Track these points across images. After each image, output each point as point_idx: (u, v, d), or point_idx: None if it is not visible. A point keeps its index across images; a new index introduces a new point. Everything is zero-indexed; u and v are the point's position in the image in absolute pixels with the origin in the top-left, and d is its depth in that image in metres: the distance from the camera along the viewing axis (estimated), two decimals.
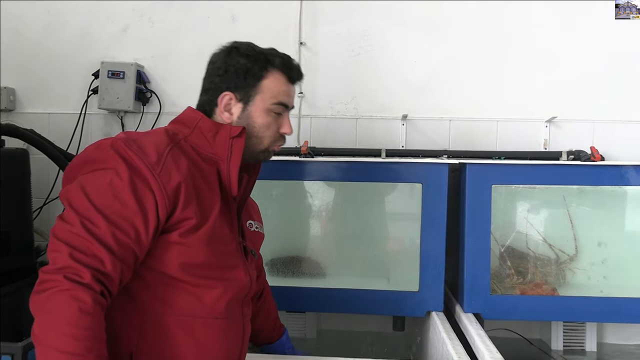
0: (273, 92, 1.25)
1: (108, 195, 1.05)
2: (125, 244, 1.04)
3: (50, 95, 2.46)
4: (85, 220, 1.02)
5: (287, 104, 1.29)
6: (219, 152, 1.21)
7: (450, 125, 2.34)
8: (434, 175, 1.84)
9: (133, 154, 1.08)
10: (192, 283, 1.15)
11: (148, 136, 1.17)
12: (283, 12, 2.37)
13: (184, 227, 1.11)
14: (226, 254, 1.21)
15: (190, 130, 1.23)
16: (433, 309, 1.84)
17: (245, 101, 1.25)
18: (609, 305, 1.85)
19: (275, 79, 1.26)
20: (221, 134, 1.22)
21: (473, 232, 1.83)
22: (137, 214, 1.05)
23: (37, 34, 2.46)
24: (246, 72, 1.24)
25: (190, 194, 1.12)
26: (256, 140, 1.26)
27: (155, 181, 1.07)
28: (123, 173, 1.06)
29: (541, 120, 2.30)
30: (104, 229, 1.02)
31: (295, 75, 1.30)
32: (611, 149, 2.26)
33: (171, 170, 1.10)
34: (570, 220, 1.95)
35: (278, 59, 1.27)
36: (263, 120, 1.25)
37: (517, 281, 1.92)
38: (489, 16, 2.33)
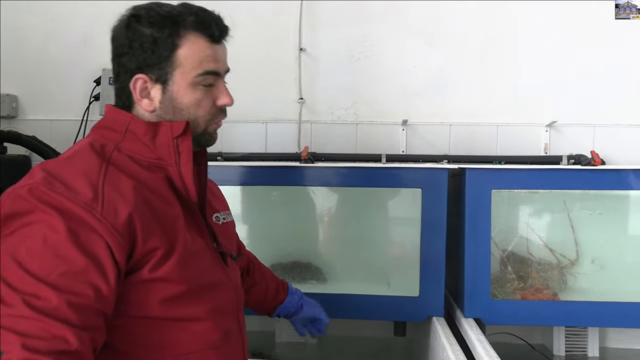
0: (194, 61, 1.02)
1: (47, 257, 0.83)
2: (87, 309, 0.84)
3: (52, 102, 2.48)
4: (28, 296, 0.80)
5: (216, 70, 1.06)
6: (163, 156, 1.01)
7: (451, 130, 2.34)
8: (433, 180, 1.84)
9: (60, 196, 0.87)
10: (179, 317, 0.98)
11: (72, 162, 0.95)
12: (283, 18, 2.38)
13: (152, 260, 0.94)
14: (204, 270, 1.04)
15: (121, 135, 1.01)
16: (433, 314, 1.84)
17: (162, 80, 1.02)
18: (611, 310, 1.85)
19: (193, 44, 1.02)
20: (161, 136, 1.01)
21: (473, 237, 1.82)
22: (89, 268, 0.85)
23: (39, 41, 2.47)
24: (154, 44, 1.00)
25: (147, 221, 0.93)
26: (192, 125, 1.04)
27: (100, 222, 0.87)
28: (56, 224, 0.85)
29: (541, 124, 2.30)
30: (55, 300, 0.81)
31: (218, 31, 1.05)
32: (612, 153, 2.26)
33: (115, 202, 0.90)
34: (571, 225, 1.95)
35: (190, 18, 1.02)
36: (190, 98, 1.03)
37: (517, 286, 1.91)
38: (488, 21, 2.33)
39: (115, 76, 1.07)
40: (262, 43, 2.39)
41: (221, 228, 1.19)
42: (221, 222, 1.21)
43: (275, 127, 2.38)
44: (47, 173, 0.90)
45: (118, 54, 1.04)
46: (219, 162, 2.16)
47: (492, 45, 2.33)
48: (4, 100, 2.42)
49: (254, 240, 1.97)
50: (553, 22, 2.31)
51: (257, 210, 2.05)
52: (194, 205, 1.04)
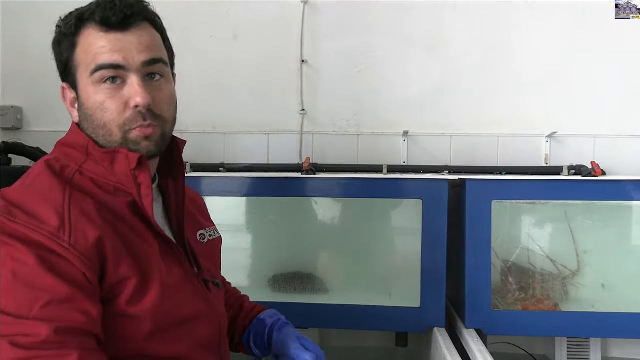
0: (88, 57, 0.89)
1: (21, 292, 0.76)
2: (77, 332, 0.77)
3: (56, 113, 2.49)
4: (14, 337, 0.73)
5: (113, 62, 0.88)
6: (125, 183, 0.91)
7: (452, 141, 2.35)
8: (434, 191, 1.84)
9: (23, 227, 0.79)
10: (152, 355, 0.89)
11: (33, 189, 0.86)
12: (284, 30, 2.41)
13: (126, 292, 0.84)
14: (182, 304, 0.93)
15: (85, 156, 0.92)
16: (435, 325, 1.83)
17: (73, 86, 0.93)
18: (613, 321, 1.84)
19: (87, 38, 0.90)
20: (119, 165, 0.90)
21: (474, 247, 1.83)
22: (74, 294, 0.78)
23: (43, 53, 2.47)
24: (59, 46, 0.93)
25: (116, 246, 0.85)
26: (103, 131, 0.91)
27: (69, 251, 0.79)
28: (23, 255, 0.77)
29: (542, 135, 2.31)
30: (45, 332, 0.74)
31: (114, 16, 0.88)
32: (613, 163, 2.27)
33: (83, 226, 0.82)
34: (572, 236, 1.95)
35: (90, 9, 0.90)
36: (93, 100, 0.90)
37: (519, 297, 1.91)
38: (488, 32, 2.35)
39: None
40: (264, 55, 2.42)
41: (206, 247, 1.09)
42: (207, 239, 1.11)
43: (277, 138, 2.40)
44: (8, 202, 0.82)
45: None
46: (222, 173, 2.17)
47: (492, 56, 2.35)
48: (8, 111, 2.44)
49: (256, 251, 1.98)
50: (554, 33, 2.33)
51: (259, 221, 2.06)
52: (165, 236, 0.94)
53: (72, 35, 0.91)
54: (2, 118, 2.45)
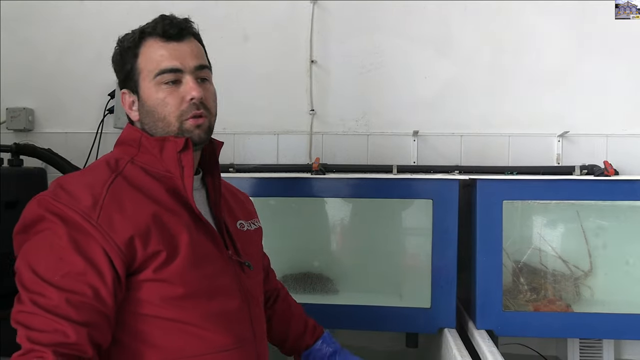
0: (151, 64, 1.09)
1: (52, 260, 0.94)
2: (85, 306, 0.93)
3: (67, 115, 2.52)
4: (35, 295, 0.92)
5: (174, 67, 1.09)
6: (170, 169, 1.09)
7: (462, 141, 2.34)
8: (444, 191, 1.83)
9: (62, 205, 0.97)
10: (184, 320, 1.03)
11: (85, 175, 1.07)
12: (294, 31, 2.41)
13: (156, 263, 1.00)
14: (211, 276, 1.08)
15: (137, 149, 1.12)
16: (445, 326, 1.83)
17: (135, 90, 1.12)
18: (626, 322, 1.82)
19: (148, 48, 1.10)
20: (167, 150, 1.09)
21: (485, 248, 1.82)
22: (88, 271, 0.95)
23: (55, 55, 2.52)
24: (121, 59, 1.13)
25: (146, 229, 1.00)
26: (163, 123, 1.10)
27: (96, 229, 0.96)
28: (60, 231, 0.96)
29: (554, 134, 2.29)
30: (56, 297, 0.92)
31: (171, 29, 1.10)
32: (625, 163, 2.24)
33: (112, 211, 0.98)
34: (584, 236, 1.94)
35: (150, 25, 1.11)
36: (154, 98, 1.09)
37: (530, 297, 1.90)
38: (498, 31, 2.34)
39: None
40: (274, 55, 2.42)
41: (245, 235, 1.25)
42: (246, 228, 1.27)
43: (287, 139, 2.40)
44: (58, 185, 1.02)
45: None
46: (231, 174, 2.18)
47: (503, 56, 2.33)
48: (20, 113, 2.47)
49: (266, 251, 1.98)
50: (565, 32, 2.31)
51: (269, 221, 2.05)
52: (199, 213, 1.09)
53: (134, 47, 1.11)
54: (14, 120, 2.47)
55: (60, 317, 0.91)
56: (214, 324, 1.06)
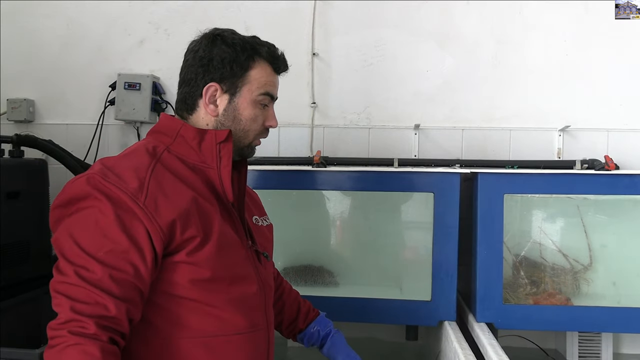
0: (260, 83, 1.20)
1: (97, 236, 0.99)
2: (125, 283, 0.99)
3: (68, 106, 2.51)
4: (80, 268, 0.97)
5: (274, 94, 1.24)
6: (207, 160, 1.16)
7: (463, 135, 2.34)
8: (445, 185, 1.84)
9: (112, 185, 1.02)
10: (207, 302, 1.10)
11: (127, 159, 1.11)
12: (296, 24, 2.40)
13: (190, 247, 1.07)
14: (235, 263, 1.15)
15: (172, 139, 1.17)
16: (445, 319, 1.83)
17: (231, 92, 1.19)
18: (625, 315, 1.83)
19: (262, 69, 1.20)
20: (207, 141, 1.16)
21: (485, 241, 1.82)
22: (130, 249, 1.00)
23: (56, 47, 2.51)
24: (233, 62, 1.17)
25: (186, 213, 1.06)
26: (242, 134, 1.21)
27: (142, 210, 1.01)
28: (106, 209, 1.00)
29: (555, 129, 2.30)
30: (100, 273, 0.97)
31: (282, 66, 1.25)
32: (626, 157, 2.25)
33: (157, 194, 1.04)
34: (584, 230, 1.94)
35: (265, 49, 1.21)
36: (250, 112, 1.20)
37: (530, 291, 1.91)
38: (501, 25, 2.34)
39: (186, 81, 1.20)
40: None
41: (259, 229, 1.33)
42: (260, 223, 1.35)
43: (288, 132, 2.40)
44: (104, 166, 1.06)
45: (196, 64, 1.18)
46: None
47: (505, 50, 2.33)
48: (21, 104, 2.46)
49: None
50: (567, 25, 2.31)
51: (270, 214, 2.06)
52: (230, 205, 1.17)
53: (250, 59, 1.19)
54: (15, 111, 2.47)
55: (103, 291, 0.96)
56: (234, 308, 1.13)
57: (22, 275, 2.01)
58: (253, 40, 1.21)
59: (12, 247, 1.96)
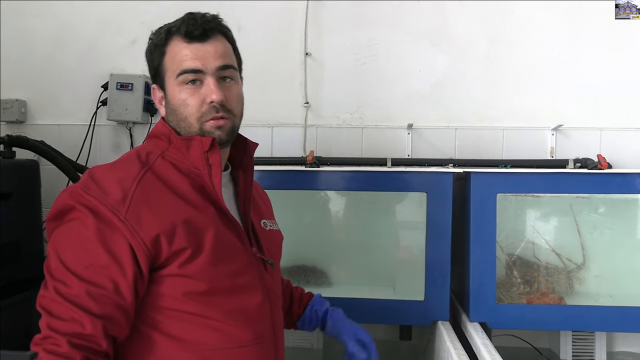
0: (174, 63, 1.09)
1: (77, 250, 0.96)
2: (104, 299, 0.94)
3: (60, 107, 2.50)
4: (58, 283, 0.94)
5: (195, 67, 1.08)
6: (198, 166, 1.09)
7: (456, 134, 2.34)
8: (438, 184, 1.84)
9: (92, 197, 0.98)
10: (205, 314, 1.04)
11: (116, 168, 1.06)
12: (289, 23, 2.40)
13: (181, 259, 1.01)
14: (237, 272, 1.08)
15: (167, 144, 1.12)
16: (439, 319, 1.83)
17: (162, 87, 1.13)
18: (619, 314, 1.83)
19: (173, 47, 1.09)
20: (194, 149, 1.09)
21: (478, 241, 1.82)
22: (110, 264, 0.95)
23: (47, 47, 2.50)
24: (151, 55, 1.13)
25: (172, 226, 1.00)
26: (184, 123, 1.10)
27: (123, 224, 0.96)
28: (88, 222, 0.97)
29: (548, 128, 2.30)
30: (77, 288, 0.93)
31: (196, 30, 1.08)
32: (619, 156, 2.25)
33: (140, 207, 0.99)
34: (577, 229, 1.94)
35: (176, 25, 1.10)
36: (177, 98, 1.10)
37: (523, 290, 1.91)
38: (493, 24, 2.34)
39: None
40: (268, 48, 2.41)
41: (268, 234, 1.25)
42: (269, 228, 1.28)
43: (281, 131, 2.40)
44: (90, 177, 1.02)
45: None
46: None
47: (498, 49, 2.33)
48: (13, 105, 2.45)
49: None
50: (559, 24, 2.31)
51: None
52: (227, 211, 1.10)
53: (162, 46, 1.10)
54: (6, 111, 2.45)
55: (79, 308, 0.93)
56: (235, 319, 1.07)
57: (14, 276, 2.00)
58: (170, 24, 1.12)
59: (4, 248, 1.95)
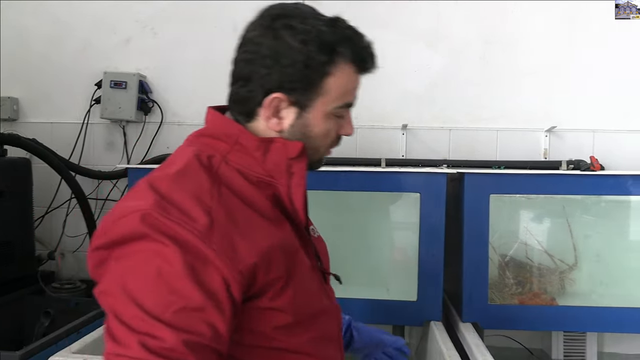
0: (339, 93, 0.93)
1: (162, 292, 0.75)
2: (202, 349, 0.76)
3: (53, 105, 2.49)
4: (144, 336, 0.73)
5: (353, 103, 0.97)
6: (274, 174, 0.91)
7: (450, 135, 2.35)
8: (432, 185, 1.84)
9: (175, 224, 0.78)
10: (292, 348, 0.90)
11: (182, 179, 0.85)
12: None
13: (274, 289, 0.85)
14: (313, 297, 0.95)
15: (229, 146, 0.92)
16: (431, 319, 1.83)
17: (301, 105, 0.92)
18: (610, 315, 1.84)
19: (343, 75, 0.92)
20: (273, 154, 0.91)
21: (471, 241, 1.82)
22: (207, 305, 0.76)
23: (41, 45, 2.49)
24: (306, 68, 0.89)
25: (270, 251, 0.85)
26: (312, 151, 0.95)
27: (217, 255, 0.78)
28: (171, 256, 0.76)
29: (541, 129, 2.31)
30: (171, 339, 0.73)
31: (370, 60, 0.96)
32: (611, 158, 2.26)
33: (230, 231, 0.81)
34: (570, 230, 1.95)
35: (349, 48, 0.92)
36: (322, 127, 0.94)
37: (516, 291, 1.92)
38: (488, 26, 2.34)
39: (242, 79, 0.94)
40: None
41: (317, 241, 1.10)
42: (317, 234, 1.14)
43: None
44: (158, 194, 0.82)
45: (258, 62, 0.91)
46: None
47: (492, 51, 2.34)
48: (5, 103, 2.44)
49: None
50: (554, 26, 2.32)
51: None
52: (301, 226, 0.96)
53: (326, 64, 0.91)
54: None
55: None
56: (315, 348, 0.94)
57: (6, 275, 1.99)
58: (332, 31, 0.91)
59: None
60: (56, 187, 2.38)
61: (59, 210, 2.41)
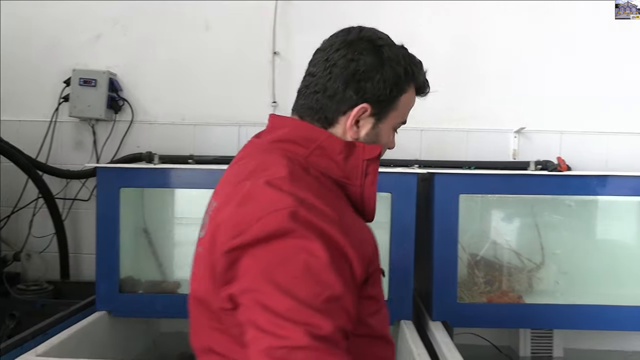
0: (405, 110, 1.07)
1: (311, 284, 0.81)
2: (345, 332, 0.83)
3: (20, 102, 2.43)
4: (307, 326, 0.78)
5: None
6: (350, 175, 1.00)
7: (422, 136, 2.37)
8: (403, 185, 1.85)
9: (319, 220, 0.85)
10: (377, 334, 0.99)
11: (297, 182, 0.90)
12: (257, 22, 2.39)
13: (373, 278, 0.95)
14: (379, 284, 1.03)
15: (308, 150, 0.99)
16: (402, 318, 1.85)
17: (378, 117, 1.03)
18: (576, 313, 1.88)
19: (411, 96, 1.07)
20: (355, 157, 1.00)
21: (441, 241, 1.84)
22: (344, 294, 0.83)
23: (6, 42, 2.42)
24: (395, 85, 1.02)
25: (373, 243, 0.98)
26: None
27: (350, 246, 0.86)
28: (318, 250, 0.82)
29: (510, 130, 2.35)
30: (329, 327, 0.79)
31: (427, 87, 1.11)
32: (578, 159, 2.31)
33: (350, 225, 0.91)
34: (537, 229, 1.99)
35: (422, 75, 1.08)
36: (387, 139, 1.07)
37: (484, 289, 1.95)
38: (458, 29, 2.37)
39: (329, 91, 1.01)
40: (236, 46, 2.39)
41: None
42: None
43: (249, 130, 2.38)
44: (293, 195, 0.87)
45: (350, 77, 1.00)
46: (190, 165, 2.15)
47: (462, 53, 2.37)
48: None
49: None
50: (523, 28, 2.36)
51: None
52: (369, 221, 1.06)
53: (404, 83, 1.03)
54: None
55: (339, 349, 0.80)
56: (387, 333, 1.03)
57: None
58: (410, 56, 1.07)
59: None
60: (23, 186, 2.33)
61: (25, 210, 2.36)
